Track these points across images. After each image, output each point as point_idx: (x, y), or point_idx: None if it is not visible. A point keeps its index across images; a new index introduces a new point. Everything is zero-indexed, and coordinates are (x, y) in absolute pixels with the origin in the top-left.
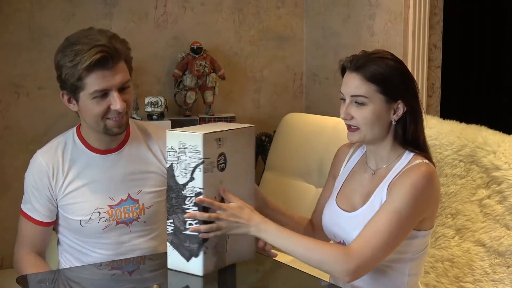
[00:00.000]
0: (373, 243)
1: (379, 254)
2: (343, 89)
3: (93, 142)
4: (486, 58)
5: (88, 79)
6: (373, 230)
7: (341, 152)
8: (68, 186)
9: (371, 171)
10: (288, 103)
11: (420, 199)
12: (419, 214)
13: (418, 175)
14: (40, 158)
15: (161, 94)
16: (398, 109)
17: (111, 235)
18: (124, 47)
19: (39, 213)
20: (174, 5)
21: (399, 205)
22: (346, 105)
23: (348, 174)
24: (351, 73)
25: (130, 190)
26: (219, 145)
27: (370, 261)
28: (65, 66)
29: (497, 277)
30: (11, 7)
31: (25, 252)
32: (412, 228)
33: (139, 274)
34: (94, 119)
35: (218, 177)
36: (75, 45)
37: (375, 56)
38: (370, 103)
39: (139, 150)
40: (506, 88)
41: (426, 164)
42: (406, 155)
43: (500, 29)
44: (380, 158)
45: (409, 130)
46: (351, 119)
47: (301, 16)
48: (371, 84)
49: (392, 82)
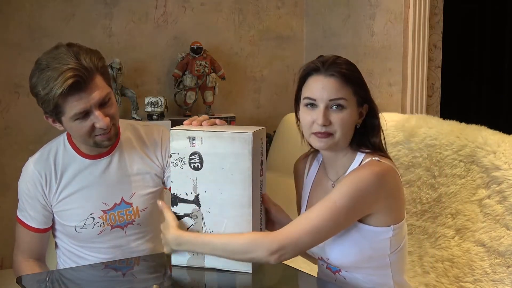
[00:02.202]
0: (301, 227)
1: (306, 238)
2: (318, 93)
3: (83, 148)
4: (486, 58)
5: (65, 104)
6: (304, 216)
7: (298, 168)
8: (62, 192)
9: (331, 183)
10: (288, 103)
11: (361, 194)
12: (359, 209)
13: (364, 173)
14: (32, 166)
15: (161, 94)
16: (362, 113)
17: (106, 239)
18: (95, 60)
19: (35, 220)
20: (174, 5)
21: (335, 196)
22: (323, 110)
23: (310, 188)
24: (327, 76)
25: (123, 194)
26: (192, 144)
27: (296, 242)
28: (39, 94)
29: (497, 277)
30: (11, 7)
31: (23, 259)
32: (349, 221)
33: (138, 274)
34: (82, 138)
35: (190, 175)
36: (45, 70)
37: (341, 60)
38: (348, 106)
39: (131, 152)
40: (506, 88)
41: (377, 162)
42: (358, 157)
43: (500, 29)
44: (340, 166)
45: (371, 134)
46: (329, 125)
47: (301, 16)
48: (349, 87)
49: (362, 85)
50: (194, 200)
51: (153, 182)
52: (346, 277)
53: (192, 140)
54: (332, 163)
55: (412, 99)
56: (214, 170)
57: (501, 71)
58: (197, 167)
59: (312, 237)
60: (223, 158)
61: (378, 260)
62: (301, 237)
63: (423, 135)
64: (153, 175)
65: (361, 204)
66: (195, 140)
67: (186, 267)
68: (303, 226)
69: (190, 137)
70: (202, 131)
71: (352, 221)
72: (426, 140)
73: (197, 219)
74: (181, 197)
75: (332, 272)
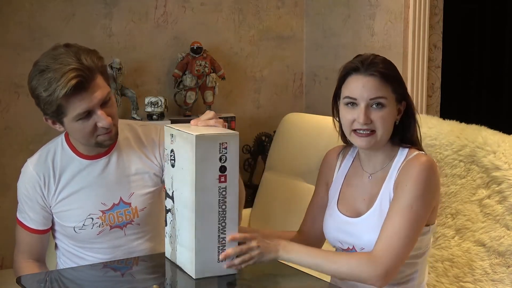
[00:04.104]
0: (394, 245)
1: (403, 254)
2: (357, 92)
3: (81, 148)
4: (486, 58)
5: (68, 105)
6: (391, 231)
7: (330, 158)
8: (60, 193)
9: (367, 175)
10: (288, 103)
11: (427, 189)
12: (429, 205)
13: (420, 166)
14: (30, 168)
15: (161, 94)
16: (401, 110)
17: (106, 240)
18: (95, 60)
19: (34, 221)
20: (174, 5)
21: (409, 201)
22: (364, 109)
23: (343, 181)
24: (366, 76)
25: (122, 194)
26: (171, 141)
27: (396, 262)
28: (41, 96)
29: (497, 277)
30: (11, 7)
31: (24, 260)
32: (426, 220)
33: (138, 274)
34: (84, 138)
35: (170, 171)
36: (45, 72)
37: (379, 58)
38: (388, 104)
39: (129, 152)
40: (506, 88)
41: (424, 155)
42: (401, 151)
43: (500, 29)
44: (377, 161)
45: (410, 129)
46: (370, 123)
47: (301, 16)
48: (388, 85)
49: (400, 83)
50: (171, 196)
51: (152, 182)
52: None
53: (171, 138)
54: (370, 158)
55: (412, 99)
56: (179, 169)
57: (501, 71)
58: (172, 164)
59: (407, 249)
60: (183, 158)
61: None
62: (398, 256)
63: (423, 135)
64: (152, 174)
65: (430, 199)
66: (173, 138)
67: None
68: (397, 243)
69: (170, 135)
70: (176, 129)
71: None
72: (426, 140)
73: (173, 216)
74: (167, 192)
75: None
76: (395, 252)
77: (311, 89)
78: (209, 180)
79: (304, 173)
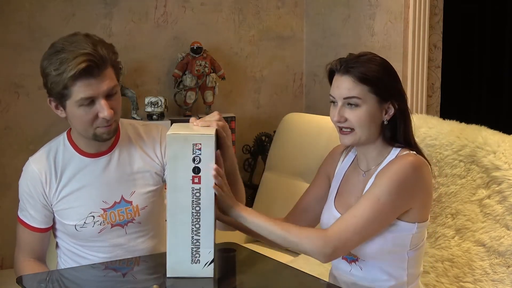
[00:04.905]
0: (350, 227)
1: (355, 237)
2: (334, 92)
3: (83, 146)
4: (486, 58)
5: (74, 87)
6: (351, 215)
7: (336, 152)
8: (62, 191)
9: (362, 173)
10: (288, 103)
11: (401, 187)
12: (401, 203)
13: (402, 164)
14: (32, 165)
15: (161, 94)
16: (389, 109)
17: (107, 238)
18: (110, 52)
19: (35, 219)
20: (174, 5)
21: (378, 192)
22: (339, 108)
23: (342, 177)
24: (342, 76)
25: (123, 192)
26: None
27: (346, 243)
28: (50, 74)
29: (497, 277)
30: (11, 7)
31: (25, 259)
32: (393, 216)
33: (138, 274)
34: (82, 127)
35: None
36: (60, 52)
37: (364, 58)
38: (363, 104)
39: (130, 150)
40: (506, 88)
41: (414, 155)
42: (394, 150)
43: (500, 29)
44: (370, 158)
45: (400, 129)
46: (344, 121)
47: (301, 16)
48: (364, 85)
49: (383, 83)
50: None
51: (153, 180)
52: (362, 267)
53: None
54: (363, 155)
55: (412, 99)
56: None
57: (501, 71)
58: None
59: (360, 236)
60: None
61: (397, 253)
62: (350, 238)
63: (423, 135)
64: (153, 173)
65: (403, 198)
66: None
67: None
68: (352, 226)
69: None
70: (171, 129)
71: (396, 216)
72: (426, 140)
73: None
74: None
75: (348, 262)
76: (347, 236)
77: (311, 89)
78: (181, 180)
79: (304, 173)
